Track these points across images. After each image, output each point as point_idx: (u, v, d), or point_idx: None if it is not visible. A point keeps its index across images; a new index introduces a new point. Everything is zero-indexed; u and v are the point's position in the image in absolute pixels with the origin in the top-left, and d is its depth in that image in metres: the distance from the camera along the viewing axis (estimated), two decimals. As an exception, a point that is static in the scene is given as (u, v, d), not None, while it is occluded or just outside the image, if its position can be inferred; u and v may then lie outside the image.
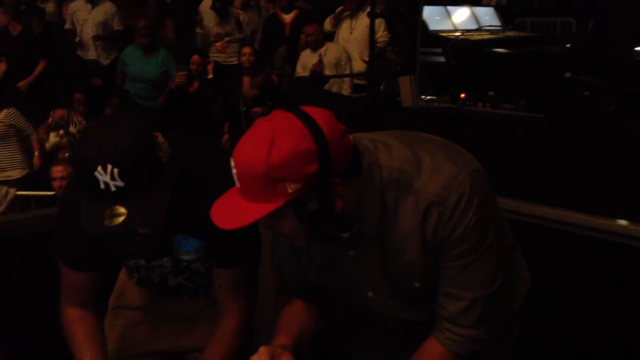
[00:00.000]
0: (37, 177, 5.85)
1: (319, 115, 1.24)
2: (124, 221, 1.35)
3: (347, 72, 5.86)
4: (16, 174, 5.79)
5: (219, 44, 6.63)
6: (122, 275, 1.89)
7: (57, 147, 5.98)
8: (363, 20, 5.88)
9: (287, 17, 6.61)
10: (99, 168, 1.32)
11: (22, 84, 6.55)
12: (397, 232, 1.35)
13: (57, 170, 4.59)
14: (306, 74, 5.86)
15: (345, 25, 6.13)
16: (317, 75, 5.68)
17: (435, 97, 4.41)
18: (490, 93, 4.33)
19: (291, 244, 1.45)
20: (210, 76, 6.14)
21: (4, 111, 5.76)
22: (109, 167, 1.32)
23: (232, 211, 1.26)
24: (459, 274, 1.36)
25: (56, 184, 4.56)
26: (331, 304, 1.64)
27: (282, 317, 1.55)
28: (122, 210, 1.35)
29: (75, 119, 5.90)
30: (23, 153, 5.88)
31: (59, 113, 5.99)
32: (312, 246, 1.42)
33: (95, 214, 1.36)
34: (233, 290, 1.63)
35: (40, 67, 6.63)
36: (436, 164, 1.33)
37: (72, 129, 5.96)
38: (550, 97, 4.57)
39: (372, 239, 1.37)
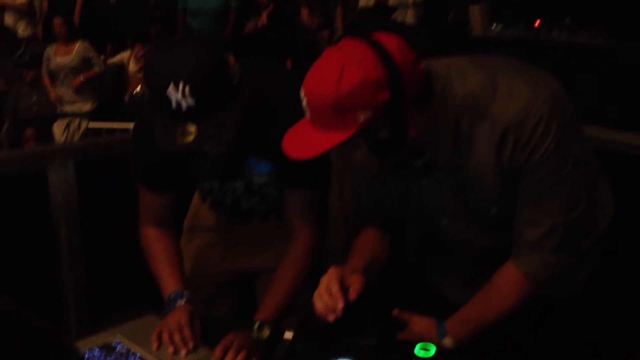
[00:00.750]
0: (107, 109, 6.02)
1: (390, 42, 1.21)
2: (194, 140, 1.38)
3: (410, 1, 5.70)
4: (87, 106, 5.97)
5: None
6: (196, 198, 1.94)
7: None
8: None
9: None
10: (171, 85, 1.34)
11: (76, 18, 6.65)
12: (472, 158, 1.32)
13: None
14: (370, 4, 5.74)
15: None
16: (382, 5, 5.56)
17: (507, 26, 4.24)
18: (567, 20, 4.13)
19: (363, 173, 1.44)
20: (263, 22, 6.11)
21: (79, 43, 5.90)
22: (181, 84, 1.33)
23: (303, 141, 1.26)
24: (538, 199, 1.32)
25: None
26: (404, 233, 1.64)
27: (355, 244, 1.56)
28: (193, 128, 1.37)
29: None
30: (94, 85, 6.04)
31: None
32: (385, 175, 1.41)
33: (167, 133, 1.39)
34: (304, 212, 1.65)
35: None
36: (513, 88, 1.28)
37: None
38: (631, 24, 4.32)
39: (446, 166, 1.34)
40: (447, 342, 1.42)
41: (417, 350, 1.29)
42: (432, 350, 1.29)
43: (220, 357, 1.44)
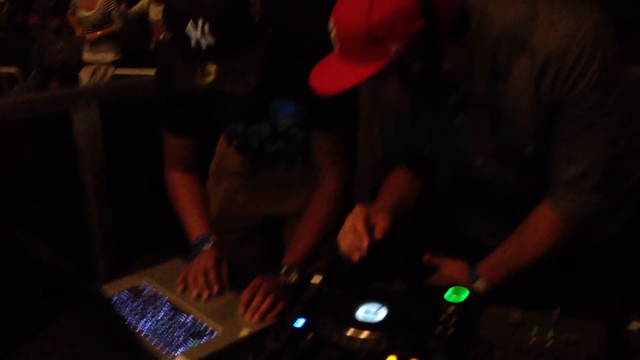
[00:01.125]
0: (133, 57, 6.00)
1: None
2: (214, 80, 1.34)
3: None
4: (110, 57, 5.96)
5: None
6: (222, 142, 1.91)
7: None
8: None
9: None
10: (190, 23, 1.29)
11: None
12: (509, 93, 1.26)
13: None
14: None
15: None
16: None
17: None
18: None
19: (395, 109, 1.39)
20: None
21: None
22: (200, 21, 1.29)
23: (332, 76, 1.21)
24: (577, 136, 1.26)
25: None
26: (435, 175, 1.59)
27: (383, 184, 1.52)
28: (213, 68, 1.33)
29: None
30: (115, 39, 6.02)
31: None
32: (417, 112, 1.35)
33: (187, 73, 1.36)
34: (331, 153, 1.62)
35: None
36: (555, 17, 1.21)
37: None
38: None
39: (482, 102, 1.29)
40: (479, 285, 1.39)
41: (448, 295, 1.26)
42: (464, 295, 1.25)
43: (247, 301, 1.42)
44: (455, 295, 1.26)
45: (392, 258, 1.47)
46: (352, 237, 1.29)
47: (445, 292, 1.27)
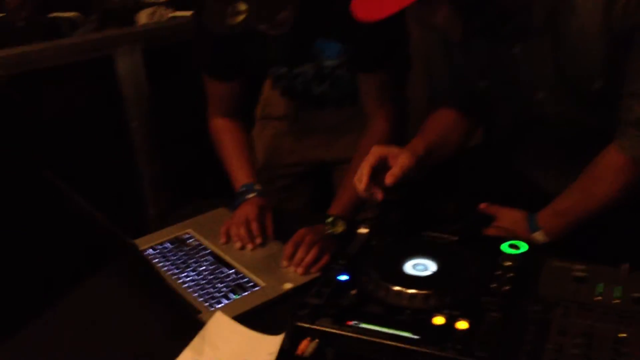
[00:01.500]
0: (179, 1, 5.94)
1: None
2: (246, 19, 1.26)
3: None
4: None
5: None
6: (267, 86, 1.84)
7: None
8: None
9: None
10: None
11: None
12: (573, 21, 1.13)
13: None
14: None
15: None
16: None
17: None
18: None
19: (445, 41, 1.27)
20: None
21: None
22: None
23: (375, 1, 1.10)
24: None
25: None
26: (488, 115, 1.47)
27: (424, 125, 1.42)
28: (244, 7, 1.26)
29: None
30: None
31: None
32: (469, 41, 1.23)
33: (218, 13, 1.29)
34: (379, 96, 1.53)
35: None
36: None
37: None
38: None
39: (543, 31, 1.17)
40: (539, 236, 1.29)
41: (505, 247, 1.16)
42: (522, 247, 1.15)
43: (290, 253, 1.36)
44: (513, 248, 1.16)
45: (443, 207, 1.37)
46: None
47: (501, 244, 1.18)
